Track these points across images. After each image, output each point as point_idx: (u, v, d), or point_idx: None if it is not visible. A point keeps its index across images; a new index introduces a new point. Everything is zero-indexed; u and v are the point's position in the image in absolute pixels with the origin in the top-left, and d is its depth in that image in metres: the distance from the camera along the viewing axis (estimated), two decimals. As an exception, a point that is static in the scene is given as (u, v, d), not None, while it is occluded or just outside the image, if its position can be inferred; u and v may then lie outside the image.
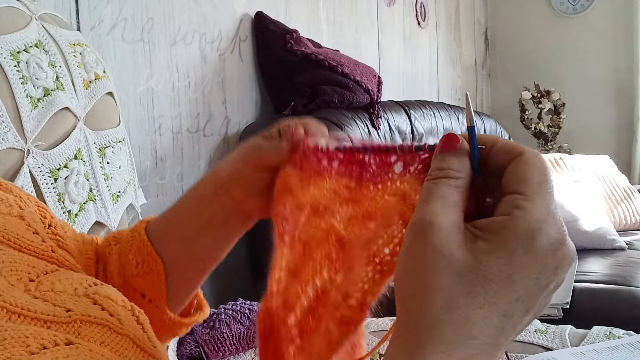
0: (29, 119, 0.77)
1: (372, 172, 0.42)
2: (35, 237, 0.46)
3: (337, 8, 2.24)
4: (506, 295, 0.30)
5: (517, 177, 0.32)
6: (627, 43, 3.58)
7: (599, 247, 2.20)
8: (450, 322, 0.30)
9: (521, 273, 0.30)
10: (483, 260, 0.30)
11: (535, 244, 0.30)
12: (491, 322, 0.30)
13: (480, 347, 0.30)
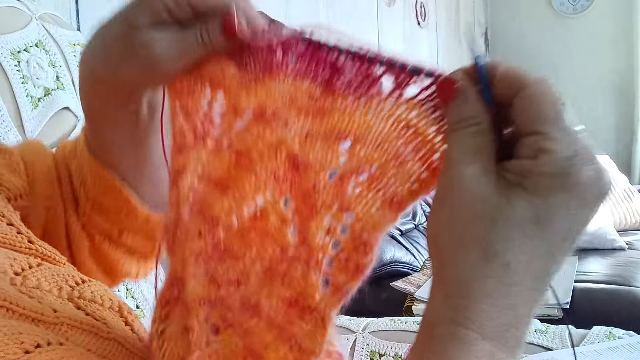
0: (29, 118, 0.77)
1: (348, 81, 0.34)
2: (10, 228, 0.43)
3: (337, 8, 2.24)
4: (548, 236, 0.29)
5: (529, 115, 0.30)
6: (627, 43, 3.58)
7: (599, 247, 2.20)
8: (490, 272, 0.29)
9: (560, 212, 0.29)
10: (518, 204, 0.29)
11: (571, 181, 0.28)
12: (535, 266, 0.29)
13: (524, 293, 0.29)
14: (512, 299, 0.29)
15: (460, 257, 0.29)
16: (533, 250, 0.29)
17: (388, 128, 0.33)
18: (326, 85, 0.34)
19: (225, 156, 0.36)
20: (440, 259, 0.31)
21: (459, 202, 0.30)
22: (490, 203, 0.29)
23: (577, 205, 0.29)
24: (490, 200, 0.29)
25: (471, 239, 0.29)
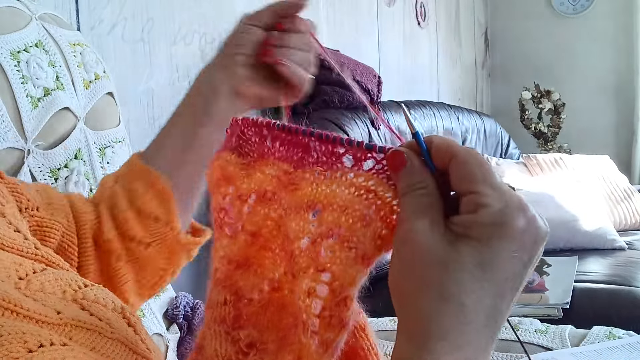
0: (29, 118, 0.77)
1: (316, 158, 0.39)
2: (17, 235, 0.45)
3: (337, 8, 2.24)
4: (493, 277, 0.33)
5: (462, 179, 0.35)
6: (627, 43, 3.58)
7: (599, 247, 2.20)
8: (447, 311, 0.32)
9: (501, 255, 0.33)
10: (465, 251, 0.33)
11: (507, 229, 0.33)
12: (485, 304, 0.33)
13: (479, 330, 0.33)
14: (469, 336, 0.32)
15: (420, 300, 0.33)
16: (482, 290, 0.33)
17: (351, 195, 0.37)
18: (298, 163, 0.40)
19: (241, 239, 0.40)
20: (403, 303, 0.34)
21: (412, 252, 0.34)
22: (441, 251, 0.33)
23: (517, 249, 0.33)
24: (440, 249, 0.33)
25: (428, 283, 0.33)
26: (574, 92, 3.66)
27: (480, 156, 0.35)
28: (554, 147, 3.41)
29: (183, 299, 1.08)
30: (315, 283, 0.36)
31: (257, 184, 0.40)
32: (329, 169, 0.38)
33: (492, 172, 0.34)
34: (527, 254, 0.34)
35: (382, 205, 0.36)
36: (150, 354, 0.44)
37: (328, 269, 0.36)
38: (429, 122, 2.37)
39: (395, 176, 0.37)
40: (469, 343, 0.32)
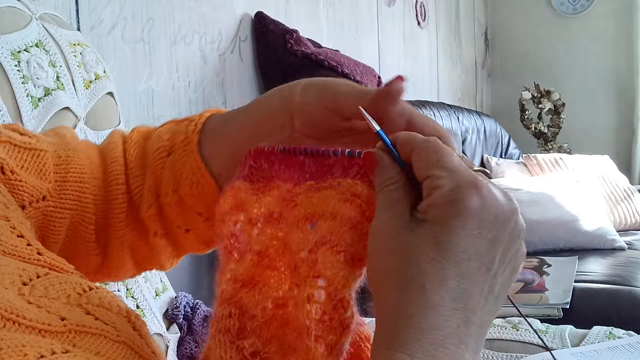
0: (29, 118, 0.77)
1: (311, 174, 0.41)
2: (20, 240, 0.44)
3: (337, 8, 2.24)
4: (452, 257, 0.32)
5: (419, 166, 0.35)
6: (627, 43, 3.58)
7: (599, 247, 2.20)
8: (409, 296, 0.32)
9: (458, 234, 0.33)
10: (420, 233, 0.33)
11: (459, 207, 0.33)
12: (449, 286, 0.32)
13: (445, 312, 0.32)
14: (434, 319, 0.32)
15: (385, 289, 0.34)
16: (443, 271, 0.32)
17: (339, 201, 0.38)
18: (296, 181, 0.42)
19: (248, 259, 0.41)
20: (374, 295, 0.35)
21: (377, 244, 0.35)
22: (401, 238, 0.34)
23: (475, 227, 0.33)
24: (400, 236, 0.34)
25: (390, 270, 0.34)
26: (574, 92, 3.66)
27: (438, 142, 0.36)
28: (554, 147, 3.41)
29: (183, 299, 1.08)
30: (313, 289, 0.37)
31: (266, 207, 0.42)
32: (320, 181, 0.40)
33: (446, 154, 0.35)
34: (488, 231, 0.33)
35: (365, 206, 0.38)
36: (155, 358, 0.44)
37: (323, 275, 0.37)
38: (429, 122, 2.36)
39: (372, 177, 0.38)
40: (436, 327, 0.32)
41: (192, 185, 0.50)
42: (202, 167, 0.50)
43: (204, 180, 0.50)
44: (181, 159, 0.51)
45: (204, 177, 0.50)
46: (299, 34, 1.77)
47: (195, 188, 0.50)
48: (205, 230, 0.53)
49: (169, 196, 0.52)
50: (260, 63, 1.77)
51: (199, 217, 0.52)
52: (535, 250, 2.19)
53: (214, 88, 1.61)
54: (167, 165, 0.52)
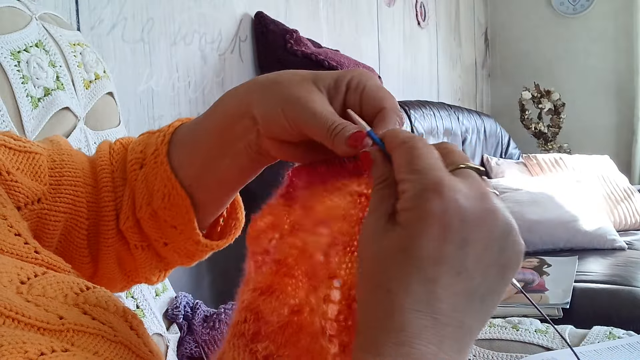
0: (29, 118, 0.77)
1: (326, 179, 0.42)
2: (17, 239, 0.44)
3: (337, 8, 2.24)
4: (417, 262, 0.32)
5: (395, 169, 0.35)
6: (627, 43, 3.58)
7: (599, 247, 2.20)
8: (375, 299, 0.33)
9: (422, 238, 0.32)
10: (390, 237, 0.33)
11: (421, 212, 0.32)
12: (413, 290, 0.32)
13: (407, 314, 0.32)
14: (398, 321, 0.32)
15: (360, 292, 0.34)
16: (406, 276, 0.32)
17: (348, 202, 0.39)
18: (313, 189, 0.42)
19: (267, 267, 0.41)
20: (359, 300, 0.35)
21: (361, 246, 0.35)
22: (376, 241, 0.34)
23: (440, 231, 0.32)
24: (375, 239, 0.34)
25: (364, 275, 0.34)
26: (574, 92, 3.66)
27: (416, 142, 0.35)
28: (554, 147, 3.41)
29: (183, 299, 1.08)
30: (329, 289, 0.37)
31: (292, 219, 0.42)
32: (332, 184, 0.41)
33: (418, 155, 0.34)
34: (456, 234, 0.32)
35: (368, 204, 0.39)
36: (153, 357, 0.44)
37: (338, 275, 0.37)
38: (429, 122, 2.37)
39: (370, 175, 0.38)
40: (401, 328, 0.32)
41: (163, 197, 0.49)
42: (172, 178, 0.49)
43: (175, 192, 0.49)
44: (152, 172, 0.51)
45: (175, 189, 0.49)
46: (299, 34, 1.77)
47: (167, 200, 0.49)
48: (182, 243, 0.52)
49: (142, 209, 0.51)
50: (260, 63, 1.77)
51: (174, 230, 0.51)
52: (535, 250, 2.19)
53: (214, 88, 1.61)
54: (139, 178, 0.51)
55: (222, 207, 0.54)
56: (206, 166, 0.49)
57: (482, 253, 0.33)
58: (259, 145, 0.46)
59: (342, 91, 0.43)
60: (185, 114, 1.51)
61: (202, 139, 0.49)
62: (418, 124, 2.26)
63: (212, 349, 1.05)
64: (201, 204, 0.51)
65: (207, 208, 0.52)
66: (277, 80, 0.45)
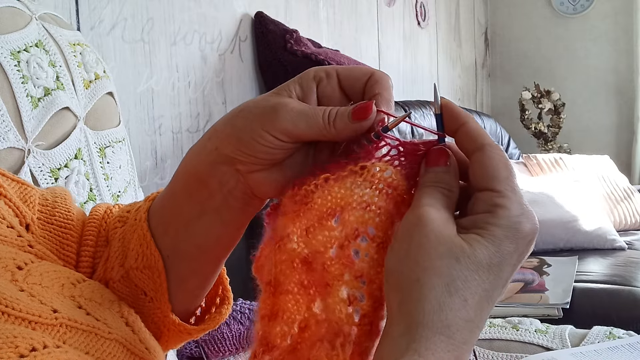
0: (29, 118, 0.77)
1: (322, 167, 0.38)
2: (10, 231, 0.43)
3: (337, 8, 2.24)
4: (495, 281, 0.33)
5: (485, 173, 0.34)
6: (627, 43, 3.58)
7: (599, 247, 2.20)
8: (451, 305, 0.32)
9: (507, 260, 0.33)
10: (477, 248, 0.32)
11: (518, 235, 0.33)
12: (481, 306, 0.32)
13: (474, 330, 0.32)
14: (466, 334, 0.32)
15: (426, 289, 0.32)
16: (483, 292, 0.32)
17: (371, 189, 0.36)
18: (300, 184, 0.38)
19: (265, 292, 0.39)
20: (403, 291, 0.33)
21: (427, 239, 0.33)
22: (455, 244, 0.33)
23: (517, 258, 0.33)
24: (454, 242, 0.33)
25: (437, 273, 0.32)
26: (574, 92, 3.66)
27: (506, 155, 0.35)
28: (554, 147, 3.41)
29: (183, 299, 1.08)
30: (355, 289, 0.34)
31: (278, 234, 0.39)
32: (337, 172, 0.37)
33: (514, 174, 0.34)
34: (519, 264, 0.34)
35: (400, 199, 0.36)
36: (149, 355, 0.43)
37: (365, 274, 0.35)
38: (429, 122, 2.37)
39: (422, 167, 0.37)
40: (465, 342, 0.32)
41: (137, 257, 0.46)
42: (148, 236, 0.45)
43: (149, 252, 0.45)
44: (130, 229, 0.47)
45: (149, 248, 0.45)
46: (299, 34, 1.77)
47: (141, 260, 0.45)
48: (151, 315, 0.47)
49: (114, 270, 0.47)
50: (260, 63, 1.77)
51: (143, 298, 0.47)
52: (535, 250, 2.18)
53: (214, 88, 1.61)
54: (117, 236, 0.48)
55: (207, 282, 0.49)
56: (181, 232, 0.45)
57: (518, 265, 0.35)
58: (242, 187, 0.41)
59: (312, 88, 0.41)
60: (185, 114, 1.51)
61: (172, 204, 0.45)
62: (418, 124, 2.26)
63: (212, 349, 1.05)
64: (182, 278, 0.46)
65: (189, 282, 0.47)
66: (240, 108, 0.41)
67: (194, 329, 0.49)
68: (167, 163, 1.46)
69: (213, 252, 0.46)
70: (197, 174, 0.42)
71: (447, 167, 0.36)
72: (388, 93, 0.40)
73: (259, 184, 0.41)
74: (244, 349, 1.08)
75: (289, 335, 0.37)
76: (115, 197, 0.92)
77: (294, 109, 0.39)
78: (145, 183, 1.38)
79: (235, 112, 0.41)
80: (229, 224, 0.44)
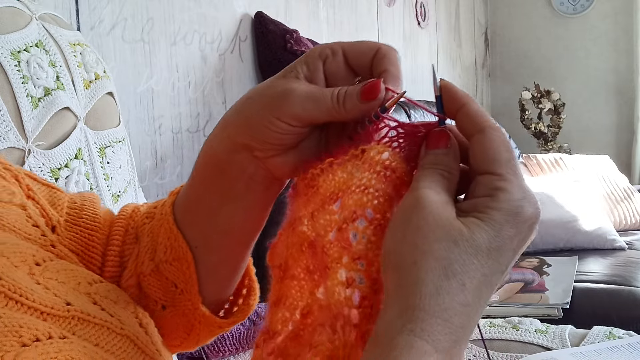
0: (29, 118, 0.77)
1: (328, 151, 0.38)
2: (35, 230, 0.44)
3: (337, 8, 2.24)
4: (494, 266, 0.32)
5: (485, 156, 0.34)
6: (627, 43, 3.58)
7: (599, 247, 2.20)
8: (449, 289, 0.31)
9: (507, 245, 0.32)
10: (476, 232, 0.32)
11: (519, 220, 0.32)
12: (480, 290, 0.32)
13: (472, 314, 0.32)
14: (463, 318, 0.31)
15: (423, 272, 0.31)
16: (481, 276, 0.32)
17: (370, 172, 0.35)
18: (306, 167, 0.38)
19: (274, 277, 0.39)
20: (399, 273, 0.32)
21: (425, 222, 0.32)
22: (453, 227, 0.32)
23: (517, 243, 0.33)
24: (453, 225, 0.32)
25: (434, 256, 0.31)
26: (574, 92, 3.66)
27: (507, 137, 0.34)
28: (554, 147, 3.41)
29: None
30: (353, 271, 0.34)
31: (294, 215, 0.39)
32: (340, 155, 0.37)
33: (516, 156, 0.34)
34: (520, 249, 0.33)
35: (398, 181, 0.35)
36: (160, 357, 0.43)
37: (364, 257, 0.34)
38: (429, 122, 2.37)
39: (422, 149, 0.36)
40: (463, 326, 0.31)
41: (166, 250, 0.46)
42: (175, 229, 0.46)
43: (177, 244, 0.46)
44: (158, 224, 0.48)
45: (177, 240, 0.46)
46: (299, 34, 1.77)
47: (170, 253, 0.46)
48: (182, 307, 0.48)
49: (145, 264, 0.48)
50: (260, 63, 1.77)
51: (174, 290, 0.47)
52: (535, 250, 2.19)
53: (214, 88, 1.61)
54: (146, 232, 0.49)
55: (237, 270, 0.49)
56: (207, 222, 0.45)
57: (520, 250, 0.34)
58: (263, 172, 0.42)
59: (319, 66, 0.40)
60: (185, 114, 1.51)
61: (195, 195, 0.46)
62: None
63: (212, 349, 1.05)
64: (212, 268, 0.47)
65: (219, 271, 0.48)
66: (248, 96, 0.41)
67: (225, 322, 0.49)
68: (167, 163, 1.46)
69: (240, 238, 0.46)
70: (216, 164, 0.43)
71: (447, 149, 0.35)
72: (396, 68, 0.39)
73: (277, 168, 0.41)
74: (244, 349, 1.08)
75: (290, 321, 0.37)
76: (115, 197, 0.92)
77: (302, 93, 0.38)
78: (145, 183, 1.38)
79: (244, 99, 0.41)
80: (253, 208, 0.44)
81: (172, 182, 1.47)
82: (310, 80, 0.40)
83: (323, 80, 0.40)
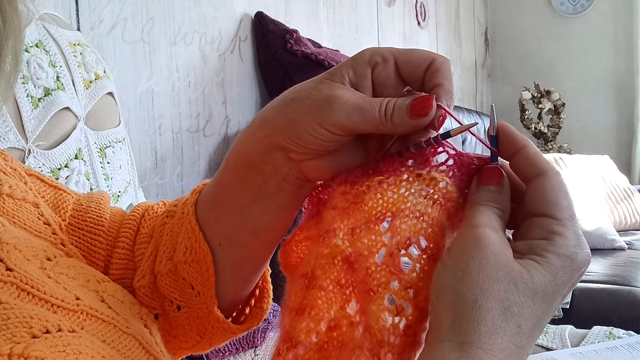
0: (29, 118, 0.77)
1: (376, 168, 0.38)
2: (46, 227, 0.44)
3: (337, 8, 2.24)
4: (547, 310, 0.33)
5: (546, 199, 0.34)
6: (627, 43, 3.58)
7: (599, 247, 2.20)
8: (506, 330, 0.31)
9: (560, 290, 0.33)
10: (535, 275, 0.32)
11: (574, 266, 0.33)
12: (532, 335, 0.33)
13: (523, 357, 0.32)
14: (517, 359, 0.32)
15: (483, 311, 0.31)
16: (535, 319, 0.32)
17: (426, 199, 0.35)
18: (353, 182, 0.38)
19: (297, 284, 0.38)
20: (457, 310, 0.32)
21: (487, 262, 0.32)
22: (514, 269, 0.32)
23: (569, 286, 0.33)
24: (513, 266, 0.32)
25: (494, 296, 0.32)
26: (574, 92, 3.66)
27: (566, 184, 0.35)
28: (554, 147, 3.41)
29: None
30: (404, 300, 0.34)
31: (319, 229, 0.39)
32: (391, 175, 0.37)
33: (573, 203, 0.34)
34: (571, 287, 0.34)
35: (453, 211, 0.35)
36: (164, 357, 0.43)
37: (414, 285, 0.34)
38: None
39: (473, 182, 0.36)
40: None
41: (185, 251, 0.46)
42: (197, 230, 0.46)
43: (198, 246, 0.46)
44: (178, 223, 0.48)
45: (198, 242, 0.46)
46: (299, 34, 1.77)
47: (189, 254, 0.46)
48: (197, 309, 0.48)
49: (162, 264, 0.47)
50: (260, 63, 1.77)
51: (190, 292, 0.47)
52: (535, 250, 2.19)
53: (214, 88, 1.61)
54: (165, 230, 0.49)
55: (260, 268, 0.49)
56: (235, 219, 0.45)
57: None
58: (296, 173, 0.41)
59: (367, 73, 0.39)
60: (185, 113, 1.51)
61: (223, 192, 0.45)
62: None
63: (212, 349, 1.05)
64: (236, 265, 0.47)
65: (243, 268, 0.47)
66: (291, 97, 0.40)
67: (238, 328, 0.49)
68: (167, 163, 1.46)
69: (267, 237, 0.46)
70: (249, 162, 0.42)
71: (501, 187, 0.36)
72: (449, 83, 0.38)
73: (311, 170, 0.41)
74: (244, 349, 1.08)
75: (314, 332, 0.37)
76: (115, 197, 0.92)
77: (348, 102, 0.37)
78: (145, 183, 1.38)
79: (286, 100, 0.40)
80: (283, 207, 0.44)
81: (172, 182, 1.47)
82: (355, 86, 0.39)
83: (370, 89, 0.39)
